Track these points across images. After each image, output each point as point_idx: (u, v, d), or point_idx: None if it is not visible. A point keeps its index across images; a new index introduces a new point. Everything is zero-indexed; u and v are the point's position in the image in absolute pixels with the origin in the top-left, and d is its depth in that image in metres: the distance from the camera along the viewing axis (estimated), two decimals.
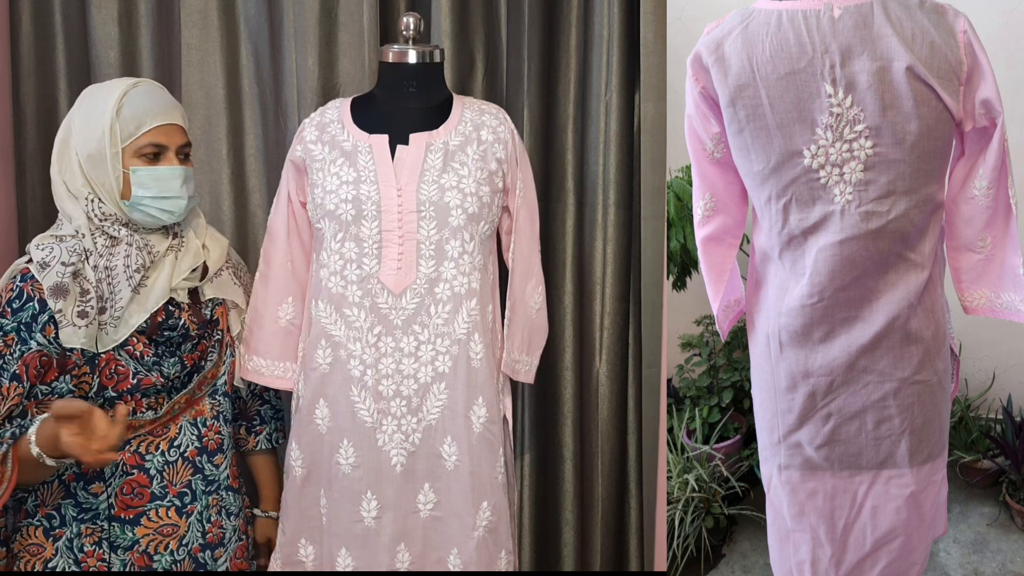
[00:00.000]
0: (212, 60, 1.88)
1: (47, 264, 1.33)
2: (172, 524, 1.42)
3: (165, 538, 1.42)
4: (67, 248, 1.34)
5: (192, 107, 1.88)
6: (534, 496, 2.02)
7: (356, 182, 1.51)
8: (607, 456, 1.94)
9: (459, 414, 1.52)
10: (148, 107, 1.37)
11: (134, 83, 1.39)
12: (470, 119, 1.56)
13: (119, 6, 1.87)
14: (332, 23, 1.87)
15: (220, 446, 1.53)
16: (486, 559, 1.55)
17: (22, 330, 1.31)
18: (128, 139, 1.35)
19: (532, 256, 1.65)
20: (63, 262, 1.33)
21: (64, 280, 1.31)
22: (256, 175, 1.93)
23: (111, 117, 1.34)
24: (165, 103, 1.40)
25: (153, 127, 1.37)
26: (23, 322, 1.31)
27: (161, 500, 1.43)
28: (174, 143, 1.40)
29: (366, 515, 1.54)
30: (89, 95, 1.40)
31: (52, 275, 1.32)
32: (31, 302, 1.31)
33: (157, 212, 1.38)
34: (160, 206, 1.38)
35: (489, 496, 1.54)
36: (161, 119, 1.38)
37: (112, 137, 1.34)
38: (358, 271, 1.51)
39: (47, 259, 1.33)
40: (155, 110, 1.38)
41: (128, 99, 1.36)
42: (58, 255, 1.33)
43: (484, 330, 1.54)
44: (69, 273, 1.32)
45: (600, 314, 1.91)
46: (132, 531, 1.41)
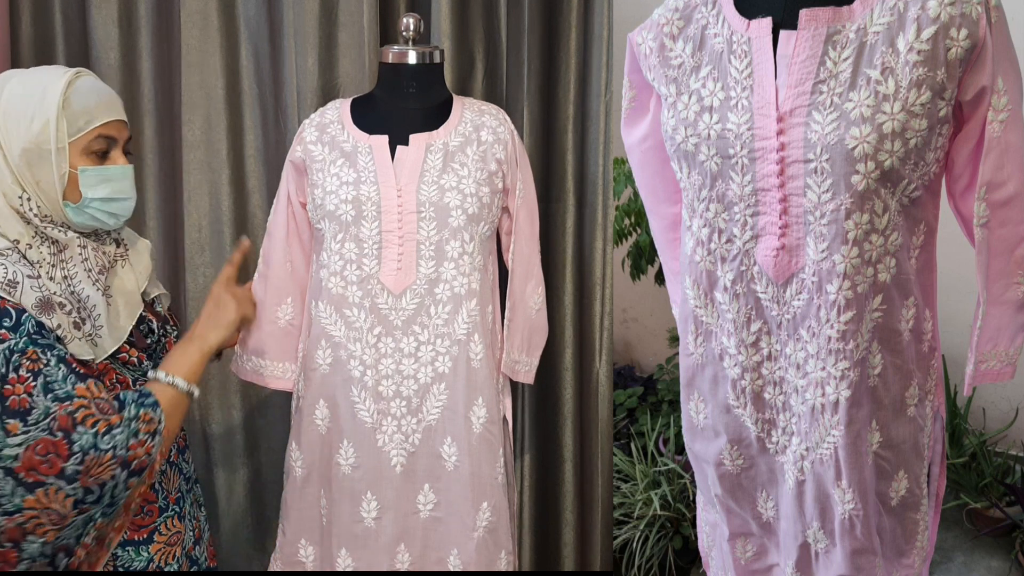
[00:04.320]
0: (212, 60, 1.88)
1: (14, 282, 1.14)
2: (177, 532, 1.38)
3: (172, 547, 1.37)
4: (13, 262, 1.16)
5: (192, 107, 1.89)
6: (534, 496, 2.02)
7: (356, 183, 1.51)
8: (607, 456, 1.94)
9: (459, 414, 1.53)
10: (98, 101, 1.24)
11: (76, 72, 1.25)
12: (470, 120, 1.56)
13: (119, 7, 1.87)
14: (332, 23, 1.88)
15: (187, 440, 1.49)
16: (486, 559, 1.55)
17: (37, 339, 1.13)
18: (76, 134, 1.21)
19: (532, 256, 1.65)
20: (27, 275, 1.16)
21: (44, 294, 1.16)
22: (256, 175, 1.93)
23: (57, 109, 1.19)
24: (112, 97, 1.28)
25: (105, 122, 1.24)
26: (31, 332, 1.13)
27: (166, 511, 1.37)
28: (121, 139, 1.28)
29: (366, 515, 1.54)
30: (19, 81, 1.22)
31: (28, 291, 1.15)
32: (24, 314, 1.13)
33: (105, 216, 1.26)
34: (109, 209, 1.26)
35: (489, 496, 1.54)
36: (111, 114, 1.26)
37: (59, 132, 1.20)
38: (358, 272, 1.51)
39: (8, 277, 1.14)
40: (104, 104, 1.25)
41: (76, 91, 1.22)
42: (16, 270, 1.15)
43: (484, 331, 1.54)
44: (39, 286, 1.16)
45: (600, 314, 1.91)
46: (147, 551, 1.33)
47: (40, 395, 1.12)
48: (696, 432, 1.40)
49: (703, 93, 1.25)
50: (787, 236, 1.22)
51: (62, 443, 1.12)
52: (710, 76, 1.25)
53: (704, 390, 1.37)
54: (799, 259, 1.22)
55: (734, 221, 1.25)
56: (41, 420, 1.11)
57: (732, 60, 1.23)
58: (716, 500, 1.43)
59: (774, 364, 1.29)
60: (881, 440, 1.26)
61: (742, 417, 1.33)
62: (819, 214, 1.18)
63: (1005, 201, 1.20)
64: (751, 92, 1.21)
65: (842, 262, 1.18)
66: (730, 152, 1.22)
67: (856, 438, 1.24)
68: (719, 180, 1.25)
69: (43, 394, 1.12)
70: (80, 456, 1.13)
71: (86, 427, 1.14)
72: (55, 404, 1.12)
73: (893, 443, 1.27)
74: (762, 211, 1.23)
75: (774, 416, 1.32)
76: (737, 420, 1.34)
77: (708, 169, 1.25)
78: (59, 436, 1.12)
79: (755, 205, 1.23)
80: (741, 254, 1.26)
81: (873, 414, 1.25)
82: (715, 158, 1.24)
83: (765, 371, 1.30)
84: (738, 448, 1.36)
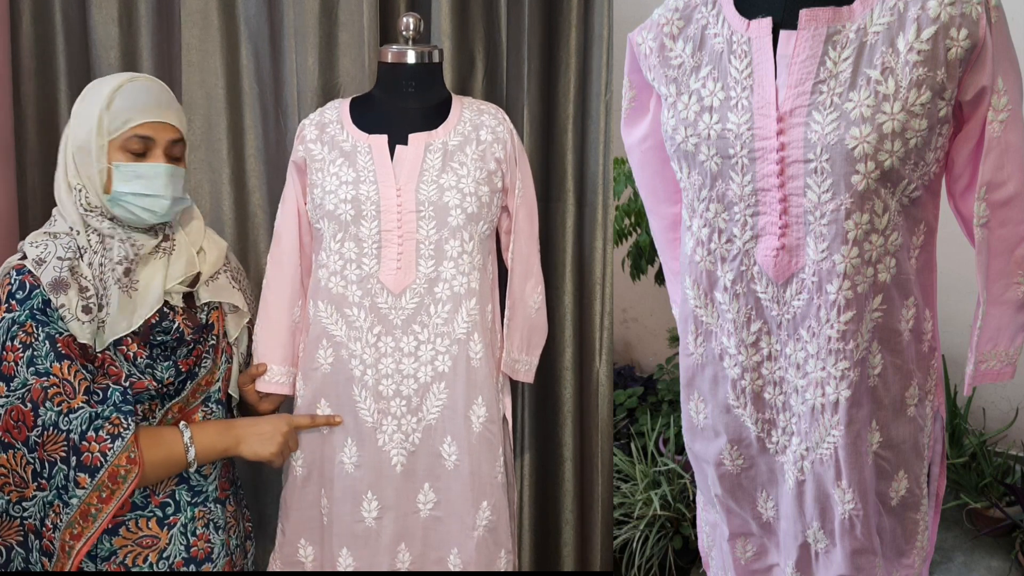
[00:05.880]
0: (212, 60, 1.88)
1: (43, 260, 1.30)
2: (152, 536, 1.37)
3: (144, 550, 1.36)
4: (62, 244, 1.32)
5: (192, 107, 1.88)
6: (534, 496, 2.02)
7: (355, 182, 1.51)
8: (607, 456, 1.94)
9: (459, 414, 1.53)
10: (139, 102, 1.35)
11: (131, 77, 1.37)
12: (469, 119, 1.56)
13: (119, 6, 1.87)
14: (332, 23, 1.87)
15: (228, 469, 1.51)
16: (486, 559, 1.55)
17: (38, 315, 1.27)
18: (114, 132, 1.33)
19: (531, 256, 1.65)
20: (59, 257, 1.31)
21: (63, 275, 1.29)
22: (256, 175, 1.93)
23: (101, 109, 1.32)
24: (159, 100, 1.37)
25: (142, 123, 1.34)
26: (36, 308, 1.27)
27: (142, 510, 1.37)
28: (162, 141, 1.36)
29: (367, 515, 1.54)
30: (90, 88, 1.38)
31: (49, 270, 1.29)
32: (36, 290, 1.28)
33: (138, 210, 1.35)
34: (142, 204, 1.35)
35: (489, 496, 1.54)
36: (151, 116, 1.35)
37: (100, 129, 1.32)
38: (358, 271, 1.51)
39: (43, 255, 1.31)
40: (146, 106, 1.35)
41: (121, 92, 1.34)
42: (53, 251, 1.31)
43: (484, 330, 1.54)
44: (66, 268, 1.30)
45: (600, 314, 1.91)
46: (110, 541, 1.35)
47: (23, 366, 1.26)
48: (696, 432, 1.40)
49: (703, 93, 1.25)
50: (787, 236, 1.22)
51: (29, 414, 1.25)
52: (710, 76, 1.25)
53: (704, 390, 1.37)
54: (799, 259, 1.22)
55: (734, 221, 1.25)
56: (19, 389, 1.25)
57: (732, 60, 1.23)
58: (716, 500, 1.43)
59: (774, 364, 1.29)
60: (881, 440, 1.26)
61: (742, 417, 1.33)
62: (819, 214, 1.18)
63: (1005, 201, 1.20)
64: (751, 92, 1.21)
65: (842, 262, 1.18)
66: (730, 152, 1.22)
67: (856, 438, 1.24)
68: (719, 180, 1.25)
69: (26, 366, 1.26)
70: (40, 430, 1.25)
71: (53, 404, 1.25)
72: (33, 378, 1.25)
73: (893, 443, 1.27)
74: (762, 211, 1.23)
75: (774, 416, 1.32)
76: (737, 420, 1.34)
77: (708, 169, 1.25)
78: (28, 407, 1.25)
79: (755, 205, 1.23)
80: (741, 254, 1.26)
81: (873, 414, 1.25)
82: (715, 158, 1.24)
83: (765, 371, 1.30)
84: (738, 448, 1.36)
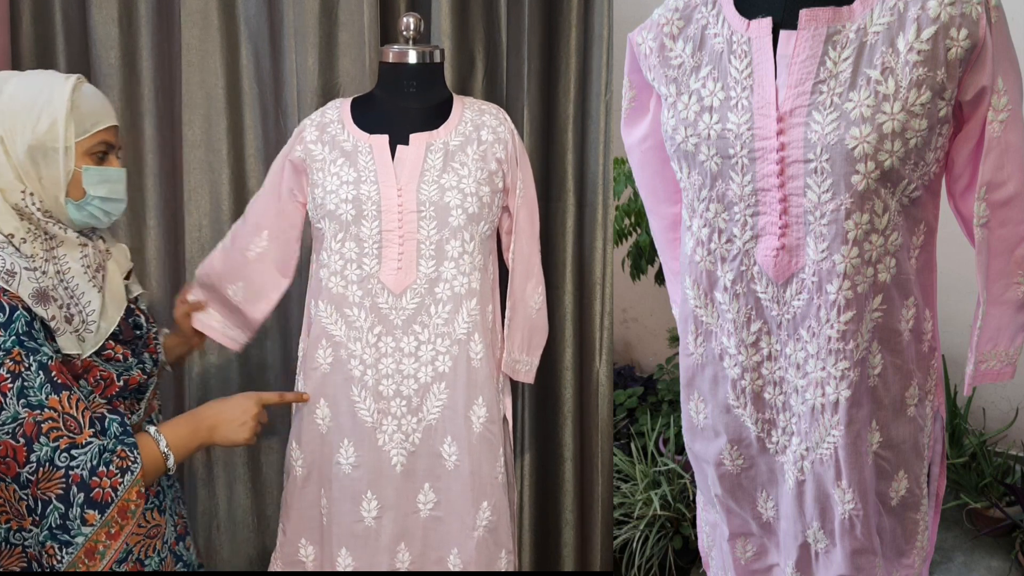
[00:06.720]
0: (212, 60, 1.88)
1: (12, 272, 1.19)
2: (156, 525, 1.38)
3: (152, 540, 1.37)
4: (9, 254, 1.21)
5: (192, 107, 1.89)
6: (534, 496, 2.02)
7: (356, 182, 1.51)
8: (607, 456, 1.94)
9: (459, 414, 1.53)
10: (100, 106, 1.33)
11: (78, 78, 1.31)
12: (470, 119, 1.56)
13: (119, 6, 1.87)
14: (332, 23, 1.88)
15: None
16: (486, 559, 1.55)
17: (24, 340, 1.16)
18: (82, 135, 1.28)
19: (532, 256, 1.66)
20: (24, 267, 1.21)
21: (42, 284, 1.21)
22: (256, 175, 1.93)
23: (66, 111, 1.26)
24: (109, 104, 1.37)
25: (107, 126, 1.32)
26: (20, 331, 1.16)
27: (146, 503, 1.36)
28: (118, 145, 1.37)
29: (366, 515, 1.54)
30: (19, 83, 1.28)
31: (26, 281, 1.19)
32: (17, 311, 1.17)
33: (101, 214, 1.32)
34: (106, 208, 1.32)
35: (489, 496, 1.55)
36: (111, 119, 1.34)
37: (66, 132, 1.26)
38: (358, 271, 1.51)
39: (5, 267, 1.19)
40: (105, 110, 1.34)
41: (82, 95, 1.29)
42: (14, 261, 1.20)
43: (484, 330, 1.54)
44: (36, 277, 1.21)
45: (600, 314, 1.91)
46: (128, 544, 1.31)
47: (13, 398, 1.15)
48: (696, 432, 1.40)
49: (703, 93, 1.25)
50: (787, 236, 1.22)
51: (21, 449, 1.15)
52: (710, 76, 1.25)
53: (704, 390, 1.37)
54: (799, 259, 1.22)
55: (734, 221, 1.25)
56: (8, 423, 1.14)
57: (732, 60, 1.23)
58: (716, 500, 1.43)
59: (774, 364, 1.29)
60: (881, 440, 1.26)
61: (742, 417, 1.33)
62: (819, 214, 1.18)
63: (1005, 201, 1.20)
64: (751, 92, 1.21)
65: (842, 262, 1.18)
66: (730, 152, 1.22)
67: (856, 438, 1.24)
68: (719, 180, 1.25)
69: (16, 398, 1.15)
70: (34, 466, 1.15)
71: (48, 440, 1.16)
72: (25, 411, 1.15)
73: (893, 443, 1.27)
74: (762, 211, 1.23)
75: (774, 416, 1.32)
76: (737, 420, 1.34)
77: (708, 169, 1.25)
78: (20, 442, 1.15)
79: (755, 205, 1.23)
80: (741, 254, 1.26)
81: (873, 414, 1.25)
82: (715, 158, 1.24)
83: (765, 371, 1.30)
84: (738, 448, 1.36)
